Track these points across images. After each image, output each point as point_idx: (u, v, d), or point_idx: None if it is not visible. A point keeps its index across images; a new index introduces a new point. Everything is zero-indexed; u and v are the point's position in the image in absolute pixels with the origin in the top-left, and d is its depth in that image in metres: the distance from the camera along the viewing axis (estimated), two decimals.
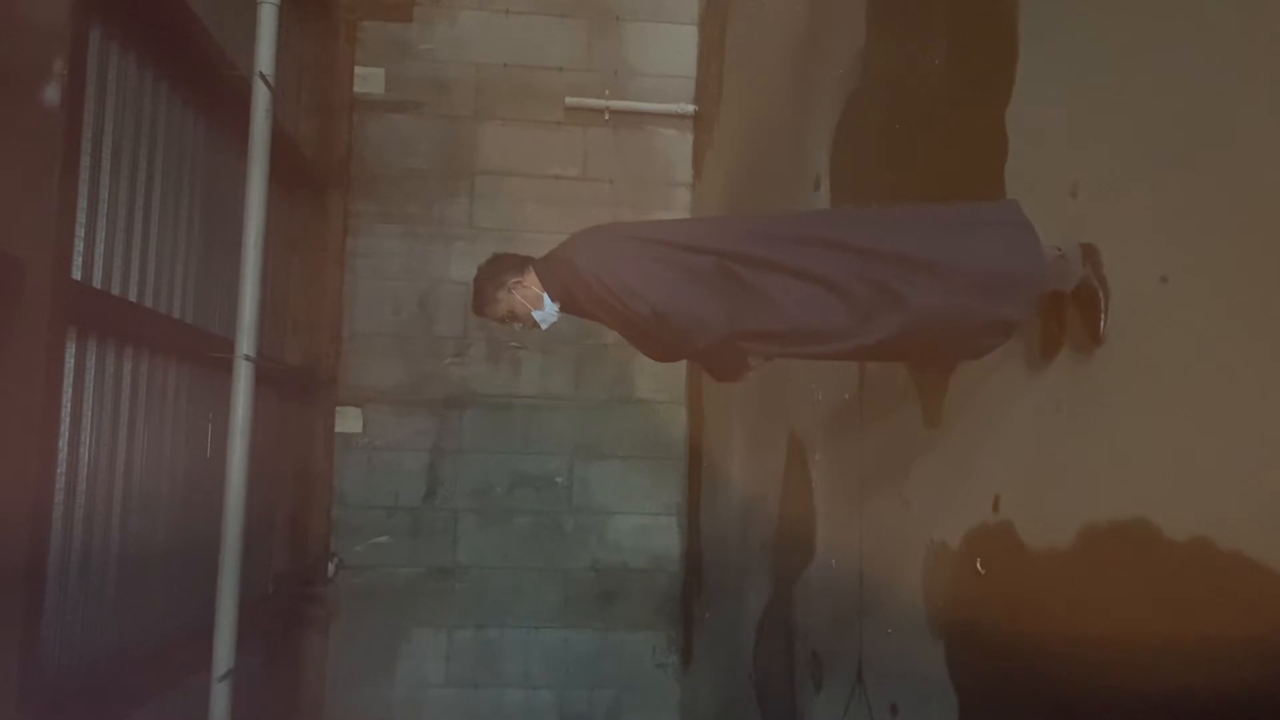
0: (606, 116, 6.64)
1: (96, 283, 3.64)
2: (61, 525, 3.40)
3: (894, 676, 3.23)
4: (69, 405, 3.45)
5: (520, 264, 2.53)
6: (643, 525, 6.47)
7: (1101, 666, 2.11)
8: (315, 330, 6.15)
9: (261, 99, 4.60)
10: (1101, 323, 2.14)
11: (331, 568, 6.17)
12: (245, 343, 4.64)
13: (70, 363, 3.47)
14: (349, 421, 6.33)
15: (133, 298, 3.92)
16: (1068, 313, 2.25)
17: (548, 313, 2.51)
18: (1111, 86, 2.20)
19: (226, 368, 4.58)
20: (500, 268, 2.54)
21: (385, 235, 6.45)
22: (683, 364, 6.06)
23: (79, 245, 3.47)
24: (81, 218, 3.47)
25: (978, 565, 2.66)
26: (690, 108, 6.72)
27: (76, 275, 3.45)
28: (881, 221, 2.34)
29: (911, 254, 2.19)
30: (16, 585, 3.11)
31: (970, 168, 2.79)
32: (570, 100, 6.62)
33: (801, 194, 4.26)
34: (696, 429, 6.28)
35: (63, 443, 3.39)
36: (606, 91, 6.64)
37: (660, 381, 6.42)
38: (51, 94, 3.16)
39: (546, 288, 2.47)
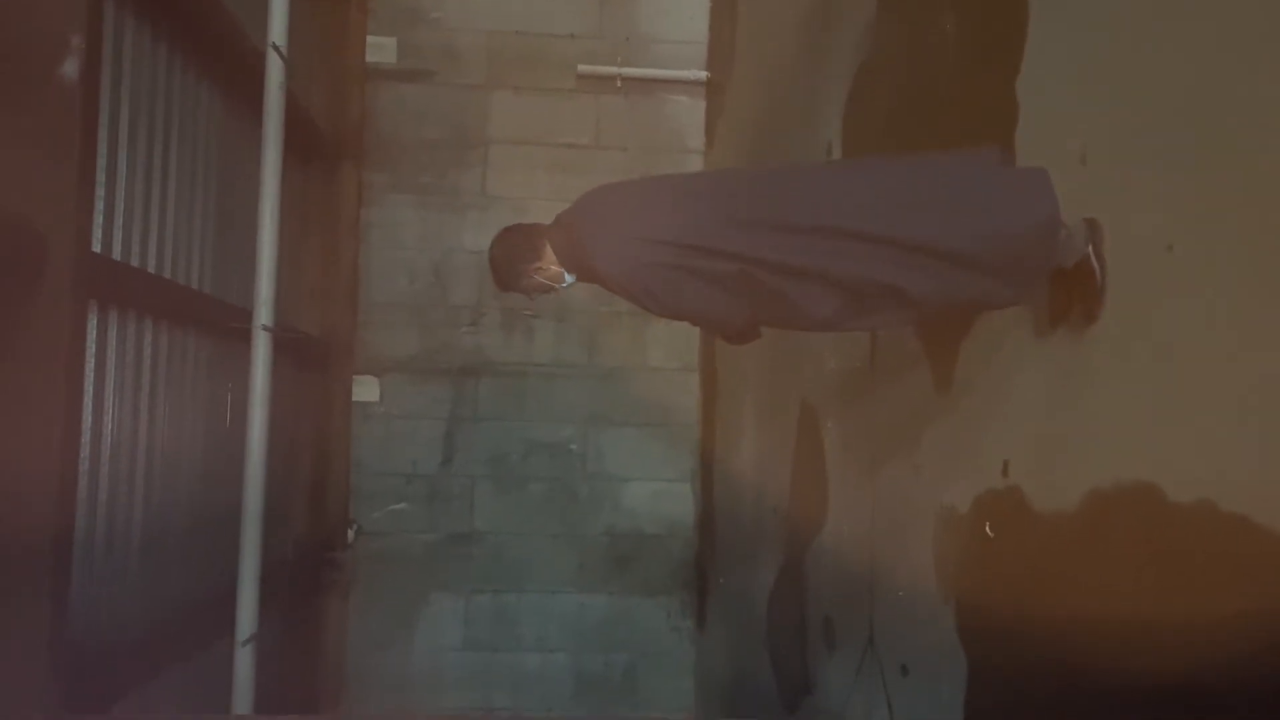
0: (619, 84, 6.62)
1: (116, 255, 3.68)
2: (86, 494, 3.47)
3: (905, 639, 3.28)
4: (92, 376, 3.51)
5: (532, 243, 2.54)
6: (657, 491, 6.53)
7: (1108, 629, 2.15)
8: (331, 300, 6.19)
9: (275, 70, 4.62)
10: (1100, 303, 2.16)
11: (351, 534, 6.26)
12: (263, 313, 4.70)
13: (92, 334, 3.52)
14: (366, 390, 6.39)
15: (152, 269, 3.96)
16: (1072, 286, 2.28)
17: (565, 282, 2.55)
18: (1123, 54, 2.21)
19: (245, 338, 4.64)
20: (512, 253, 2.55)
21: (399, 205, 6.48)
22: (695, 332, 6.10)
23: (98, 218, 3.51)
24: (100, 191, 3.51)
25: (987, 529, 2.70)
26: (703, 74, 6.70)
27: (96, 248, 3.49)
28: (899, 194, 2.28)
29: (927, 241, 2.18)
30: (44, 553, 3.18)
31: (980, 134, 2.80)
32: (582, 68, 6.60)
33: (813, 159, 4.26)
34: (709, 396, 6.32)
35: (86, 413, 3.45)
36: (619, 58, 6.62)
37: (672, 349, 6.46)
38: (69, 69, 3.19)
39: (563, 262, 2.50)
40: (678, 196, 2.47)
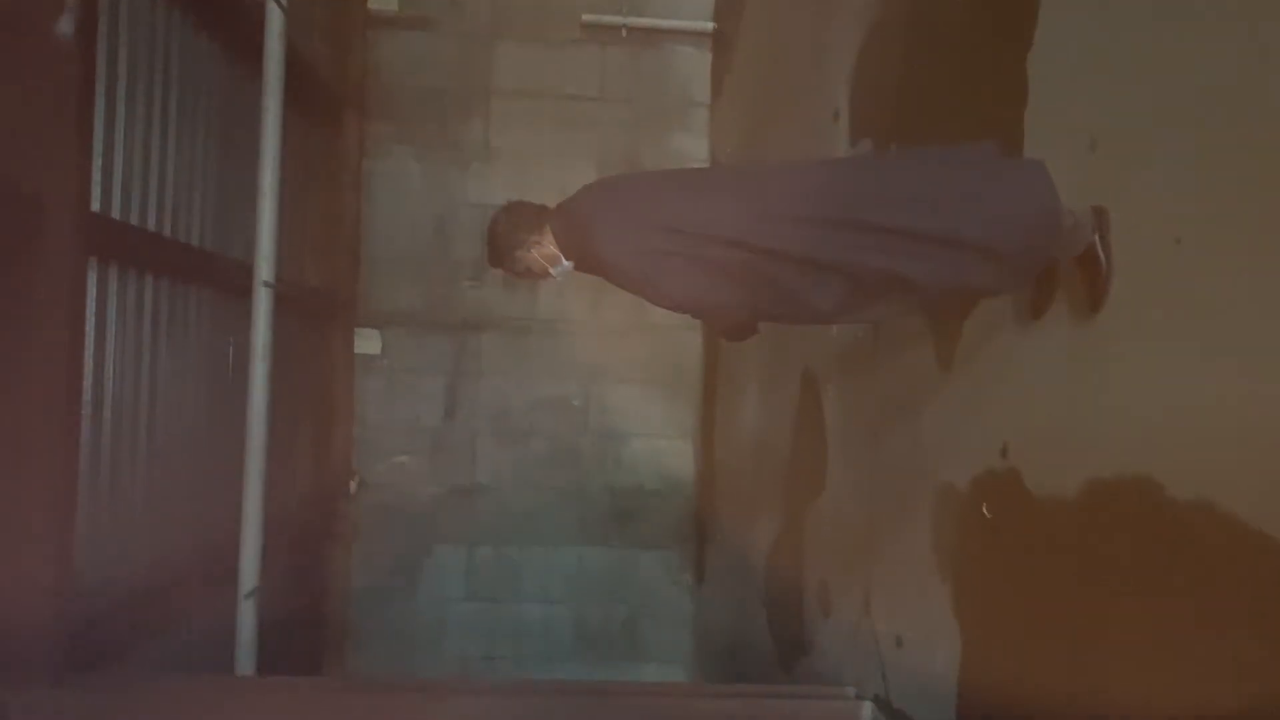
0: (624, 34, 6.52)
1: (115, 213, 3.66)
2: (89, 449, 3.49)
3: (901, 610, 3.31)
4: (93, 333, 3.51)
5: (536, 220, 2.51)
6: (658, 448, 6.56)
7: (1104, 618, 2.16)
8: (333, 253, 6.16)
9: (275, 20, 4.55)
10: (1105, 291, 2.15)
11: (353, 486, 6.30)
12: (264, 269, 4.68)
13: (92, 292, 3.52)
14: (368, 343, 6.39)
15: (151, 227, 3.94)
16: (1076, 274, 2.26)
17: (562, 267, 2.52)
18: (1137, 38, 2.16)
19: (247, 293, 4.63)
20: (517, 224, 2.52)
21: (401, 157, 6.42)
22: None
23: (96, 177, 3.48)
24: (98, 149, 3.47)
25: (984, 509, 2.70)
26: (709, 25, 6.59)
27: (95, 207, 3.47)
28: (901, 186, 2.27)
29: (929, 230, 2.18)
30: (47, 510, 3.22)
31: (990, 112, 2.75)
32: (587, 17, 6.49)
33: (820, 125, 4.21)
34: (711, 355, 6.32)
35: (88, 369, 3.46)
36: (624, 7, 6.51)
37: None
38: (65, 26, 3.14)
39: (562, 248, 2.48)
40: (682, 186, 2.45)
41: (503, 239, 2.54)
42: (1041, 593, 2.41)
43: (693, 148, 6.59)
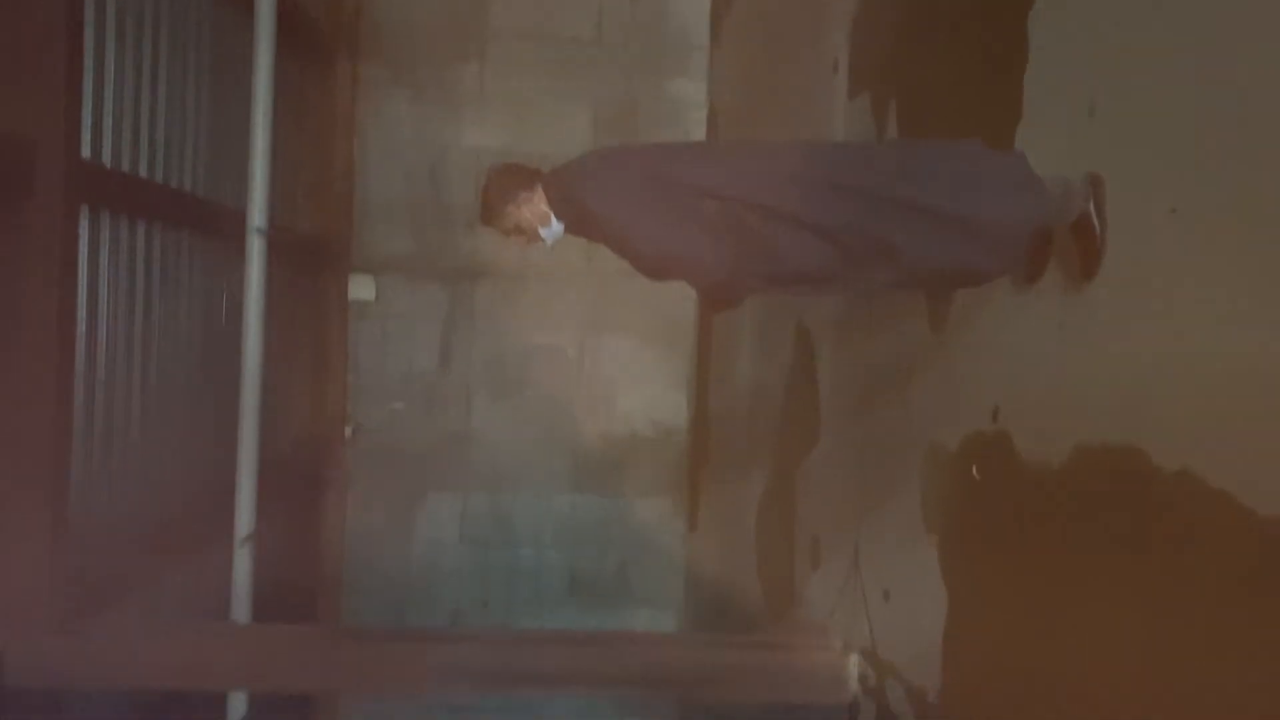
0: None
1: (106, 160, 3.63)
2: (83, 396, 3.49)
3: (889, 566, 3.35)
4: (85, 280, 3.51)
5: (529, 179, 2.51)
6: (652, 398, 6.57)
7: (1086, 581, 2.19)
8: (327, 198, 6.11)
9: None
10: (1099, 258, 2.15)
11: (348, 432, 6.32)
12: (257, 215, 4.65)
13: (84, 239, 3.50)
14: (362, 289, 6.36)
15: (143, 173, 3.91)
16: (1070, 242, 2.25)
17: (553, 231, 2.51)
18: (1139, 2, 2.13)
19: (240, 239, 4.61)
20: (509, 181, 2.52)
21: (395, 101, 6.34)
22: None
23: (86, 123, 3.45)
24: (88, 95, 3.43)
25: (974, 471, 2.73)
26: None
27: (85, 154, 3.44)
28: (888, 161, 2.32)
29: (914, 200, 2.20)
30: (42, 456, 3.23)
31: (989, 72, 2.72)
32: None
33: (819, 78, 4.16)
34: (707, 307, 6.30)
35: (81, 316, 3.46)
36: None
37: None
38: None
39: (554, 207, 2.47)
40: (679, 149, 2.47)
41: (495, 196, 2.54)
42: (1027, 554, 2.44)
43: (691, 93, 6.52)
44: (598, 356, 6.51)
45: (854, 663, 3.51)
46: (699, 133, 6.44)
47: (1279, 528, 1.65)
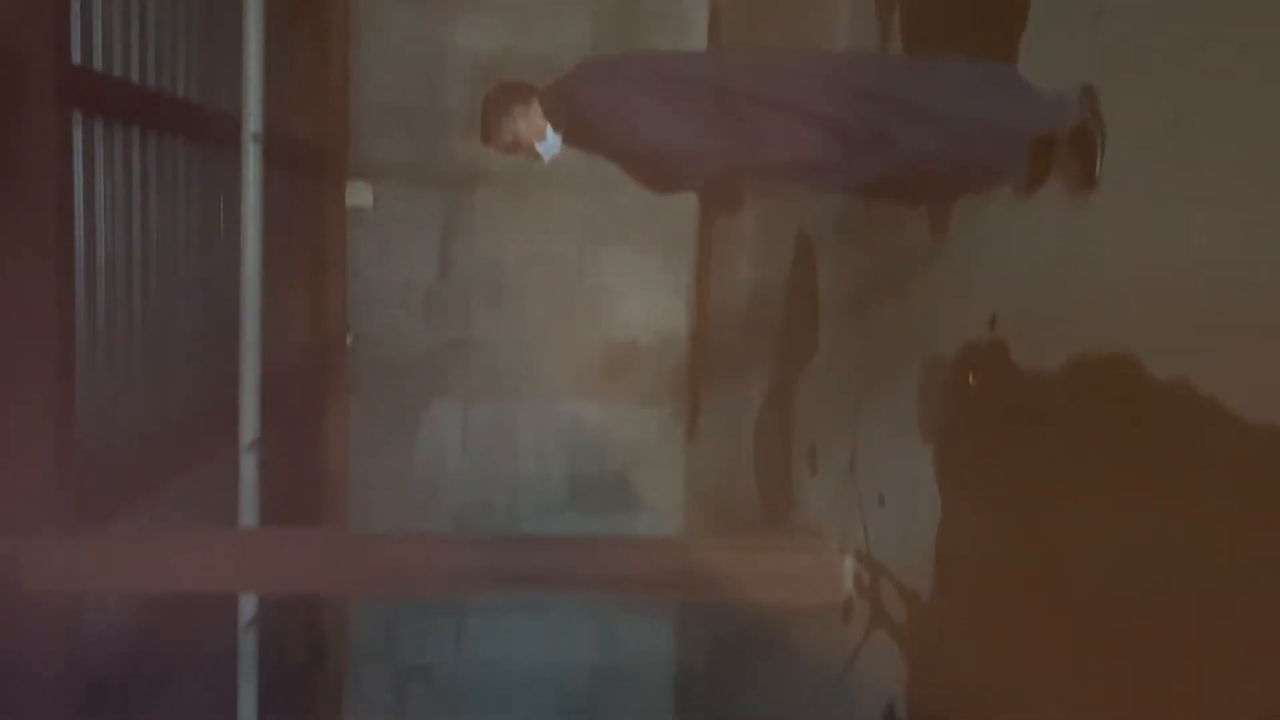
0: None
1: (97, 65, 3.57)
2: (85, 303, 3.50)
3: (884, 472, 3.40)
4: (81, 187, 3.48)
5: (525, 93, 2.50)
6: (652, 306, 6.57)
7: (1078, 489, 2.23)
8: (323, 103, 6.02)
9: None
10: (1097, 166, 2.16)
11: (349, 340, 6.35)
12: (252, 120, 4.60)
13: (78, 147, 3.47)
14: (359, 195, 6.31)
15: (135, 79, 3.85)
16: (1065, 152, 2.26)
17: (550, 144, 2.51)
18: None
19: (236, 145, 4.56)
20: (505, 98, 2.51)
21: (391, 2, 6.20)
22: None
23: (76, 27, 3.38)
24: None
25: (970, 378, 2.75)
26: None
27: (76, 59, 3.38)
28: (883, 64, 2.32)
29: (908, 97, 2.22)
30: (47, 363, 3.26)
31: None
32: None
33: None
34: (708, 213, 6.26)
35: (79, 224, 3.45)
36: None
37: None
38: None
39: (550, 118, 2.46)
40: (673, 54, 2.44)
41: (491, 109, 2.53)
42: (1019, 461, 2.48)
43: None
44: (598, 265, 6.49)
45: (849, 564, 3.59)
46: (700, 34, 6.31)
47: (1267, 435, 1.68)
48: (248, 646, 4.56)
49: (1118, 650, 2.05)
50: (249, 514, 4.58)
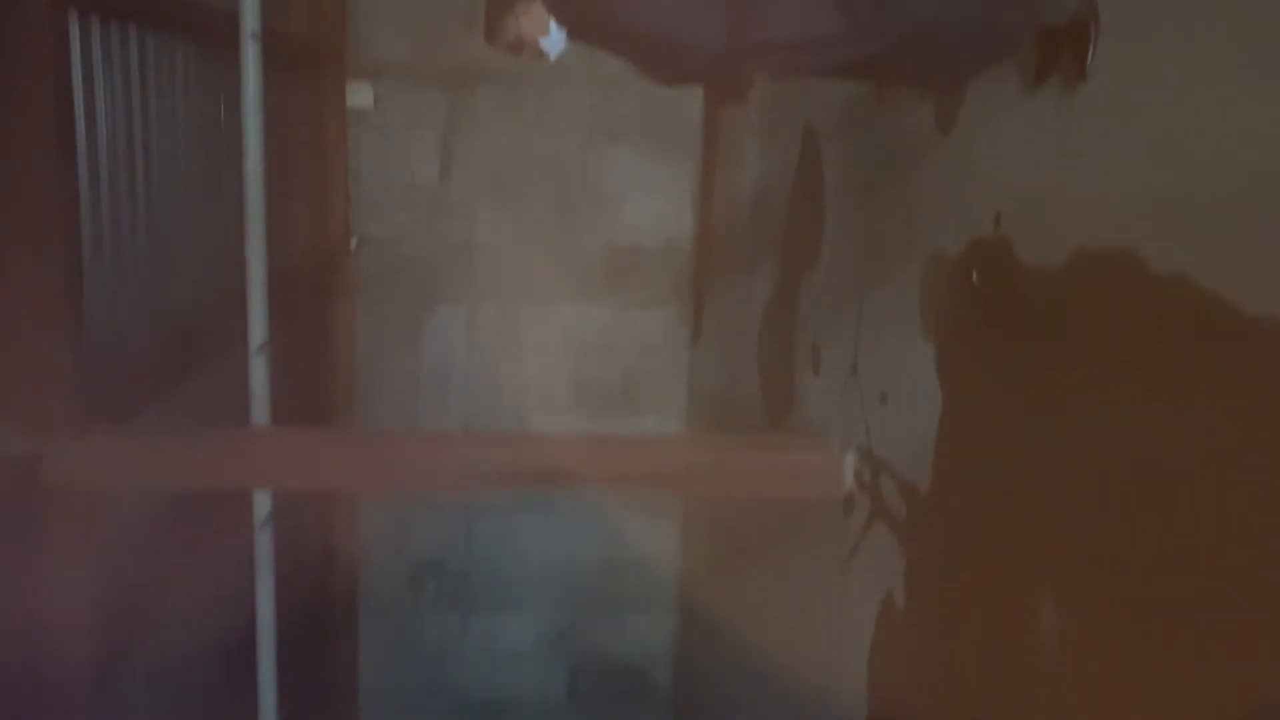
0: None
1: None
2: (88, 205, 3.51)
3: (886, 370, 3.44)
4: (80, 89, 3.45)
5: None
6: (656, 207, 6.54)
7: (1078, 388, 2.27)
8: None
9: None
10: (1088, 57, 2.16)
11: (353, 242, 6.34)
12: (250, 18, 4.52)
13: (76, 44, 3.43)
14: (360, 96, 6.23)
15: None
16: (1066, 43, 2.24)
17: (554, 40, 2.47)
18: None
19: (234, 44, 4.50)
20: None
21: None
22: None
23: None
24: None
25: (974, 276, 2.76)
26: None
27: None
28: None
29: None
30: (53, 265, 3.28)
31: None
32: None
33: None
34: (712, 111, 6.19)
35: (79, 127, 3.43)
36: None
37: None
38: None
39: (554, 11, 2.42)
40: None
41: (494, 11, 2.49)
42: (1021, 358, 2.51)
43: None
44: (601, 164, 6.44)
45: (850, 460, 3.66)
46: None
47: (1262, 325, 1.70)
48: (263, 543, 4.69)
49: (1114, 545, 2.11)
50: (260, 416, 4.66)
